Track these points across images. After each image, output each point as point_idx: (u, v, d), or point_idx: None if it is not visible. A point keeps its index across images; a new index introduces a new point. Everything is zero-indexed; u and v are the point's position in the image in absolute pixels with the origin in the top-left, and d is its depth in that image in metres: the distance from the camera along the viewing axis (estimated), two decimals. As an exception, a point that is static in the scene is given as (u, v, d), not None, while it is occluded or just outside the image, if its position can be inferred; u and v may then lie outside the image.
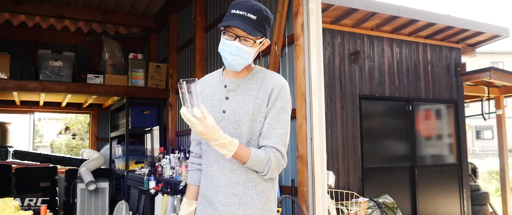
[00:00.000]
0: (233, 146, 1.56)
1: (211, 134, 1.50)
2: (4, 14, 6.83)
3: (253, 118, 1.67)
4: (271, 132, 1.66)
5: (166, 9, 6.42)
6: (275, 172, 1.68)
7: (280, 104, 1.68)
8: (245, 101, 1.69)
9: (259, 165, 1.63)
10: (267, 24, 1.67)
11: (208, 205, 1.71)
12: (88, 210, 5.91)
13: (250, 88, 1.71)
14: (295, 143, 3.35)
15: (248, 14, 1.61)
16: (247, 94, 1.70)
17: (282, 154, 1.67)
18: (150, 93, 6.28)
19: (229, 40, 1.64)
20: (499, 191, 9.99)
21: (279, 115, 1.68)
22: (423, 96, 5.88)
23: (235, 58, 1.66)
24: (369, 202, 4.68)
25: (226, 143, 1.54)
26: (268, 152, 1.64)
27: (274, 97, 1.68)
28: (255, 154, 1.61)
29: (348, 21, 5.20)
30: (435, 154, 5.99)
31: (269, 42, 1.76)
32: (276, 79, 1.72)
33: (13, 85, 5.57)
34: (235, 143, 1.56)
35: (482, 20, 7.84)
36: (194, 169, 1.89)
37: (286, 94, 1.71)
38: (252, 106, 1.67)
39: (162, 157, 4.69)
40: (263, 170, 1.65)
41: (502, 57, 27.74)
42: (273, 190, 1.75)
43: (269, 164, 1.64)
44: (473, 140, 26.64)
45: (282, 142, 1.68)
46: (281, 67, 3.90)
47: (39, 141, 19.42)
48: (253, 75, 1.75)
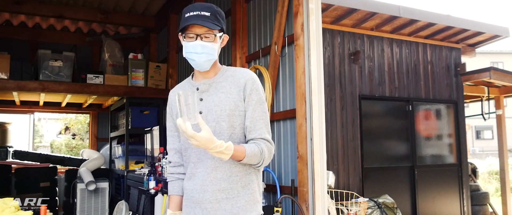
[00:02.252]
0: (229, 150, 1.61)
1: (205, 145, 1.56)
2: (4, 14, 6.83)
3: (231, 113, 1.73)
4: (255, 124, 1.75)
5: (166, 9, 6.42)
6: (267, 160, 1.77)
7: (256, 96, 1.76)
8: (219, 99, 1.75)
9: (254, 159, 1.71)
10: (221, 19, 1.77)
11: (195, 206, 1.75)
12: (88, 210, 5.90)
13: (222, 86, 1.78)
14: (295, 143, 3.35)
15: (201, 12, 1.71)
16: (220, 92, 1.77)
17: (270, 142, 1.77)
18: (150, 93, 6.28)
19: (190, 41, 1.72)
20: (499, 191, 9.99)
21: (258, 106, 1.76)
22: (423, 96, 5.88)
23: (201, 56, 1.72)
24: (369, 202, 4.68)
25: (222, 150, 1.59)
26: (259, 144, 1.72)
27: (249, 91, 1.76)
28: (249, 151, 1.68)
29: (348, 21, 5.20)
30: (435, 154, 5.99)
31: (228, 37, 1.84)
32: (246, 73, 1.80)
33: (13, 85, 5.56)
34: (231, 147, 1.62)
35: (482, 20, 7.84)
36: (175, 179, 1.91)
37: (259, 85, 1.80)
38: (228, 102, 1.74)
39: (162, 157, 4.68)
40: (258, 162, 1.73)
41: (502, 57, 27.74)
42: (258, 181, 1.81)
43: (263, 155, 1.72)
44: (473, 140, 26.64)
45: (267, 130, 1.78)
46: (281, 67, 3.90)
47: (39, 141, 19.42)
48: (222, 74, 1.82)
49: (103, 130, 8.14)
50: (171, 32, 6.36)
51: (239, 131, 1.75)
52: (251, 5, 4.52)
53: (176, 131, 1.88)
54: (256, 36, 4.39)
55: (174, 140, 1.90)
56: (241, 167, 1.73)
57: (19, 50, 6.86)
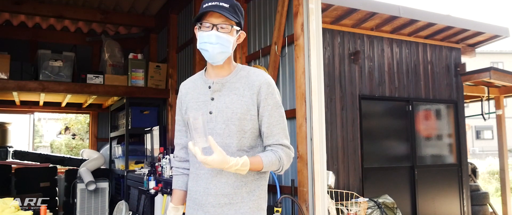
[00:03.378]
0: (246, 166, 1.57)
1: (220, 167, 1.53)
2: (4, 14, 6.83)
3: (242, 117, 1.66)
4: (272, 130, 1.69)
5: (166, 9, 6.42)
6: (286, 165, 1.73)
7: (272, 101, 1.70)
8: (231, 100, 1.68)
9: (273, 167, 1.68)
10: (240, 13, 1.70)
11: (198, 208, 1.70)
12: (88, 210, 5.90)
13: (235, 87, 1.70)
14: (295, 143, 3.35)
15: (220, 3, 1.64)
16: (232, 93, 1.69)
17: (288, 147, 1.72)
18: (150, 94, 6.28)
19: (206, 31, 1.65)
20: (499, 191, 10.00)
21: (274, 110, 1.70)
22: (423, 96, 5.88)
23: (215, 47, 1.63)
24: (369, 202, 4.68)
25: (239, 168, 1.56)
26: (276, 152, 1.68)
27: (264, 95, 1.68)
28: (267, 161, 1.64)
29: (348, 21, 5.20)
30: (435, 154, 5.99)
31: (245, 35, 1.77)
32: (261, 76, 1.72)
33: (13, 85, 5.56)
34: (247, 163, 1.58)
35: (482, 20, 7.84)
36: (179, 174, 1.88)
37: (274, 89, 1.72)
38: (240, 105, 1.67)
39: (162, 157, 4.69)
40: (278, 169, 1.70)
41: (502, 57, 27.74)
42: (263, 188, 1.76)
43: (281, 162, 1.68)
44: (473, 140, 26.64)
45: (285, 135, 1.73)
46: (281, 67, 3.90)
47: (39, 141, 19.42)
48: (236, 73, 1.73)
49: (103, 130, 8.14)
50: (171, 32, 6.35)
51: (249, 135, 1.68)
52: (251, 5, 4.52)
53: (184, 125, 1.84)
54: (256, 36, 4.39)
55: (181, 134, 1.86)
56: (248, 172, 1.66)
57: (19, 50, 6.86)
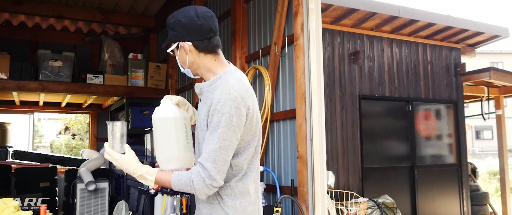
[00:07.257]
0: (151, 176, 1.62)
1: (124, 167, 1.63)
2: (3, 14, 6.82)
3: (204, 128, 1.66)
4: (204, 147, 1.59)
5: (166, 9, 6.41)
6: (204, 190, 1.56)
7: (216, 118, 1.56)
8: (202, 109, 1.71)
9: (184, 188, 1.58)
10: (170, 30, 1.72)
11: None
12: (87, 210, 5.90)
13: (208, 96, 1.69)
14: (295, 143, 3.35)
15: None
16: (204, 102, 1.71)
17: (208, 170, 1.54)
18: (150, 94, 6.28)
19: None
20: (499, 191, 10.00)
21: (214, 129, 1.57)
22: (423, 96, 5.88)
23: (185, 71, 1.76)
24: (369, 202, 4.68)
25: (142, 174, 1.61)
26: (191, 172, 1.58)
27: (211, 111, 1.58)
28: (175, 179, 1.60)
29: (348, 21, 5.21)
30: (434, 154, 5.99)
31: (188, 44, 1.69)
32: (220, 90, 1.60)
33: (13, 85, 5.56)
34: (153, 173, 1.62)
35: (481, 20, 7.84)
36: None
37: (223, 107, 1.55)
38: (204, 115, 1.67)
39: (162, 157, 4.68)
40: (190, 191, 1.58)
41: (502, 57, 27.74)
42: (244, 206, 1.67)
43: (192, 184, 1.56)
44: (472, 140, 26.64)
45: (211, 158, 1.54)
46: (281, 67, 3.90)
47: (39, 141, 19.41)
48: (212, 82, 1.69)
49: (103, 130, 8.14)
50: (171, 32, 6.34)
51: None
52: (251, 5, 4.52)
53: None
54: (256, 36, 4.39)
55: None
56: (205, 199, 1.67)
57: (19, 50, 6.85)
